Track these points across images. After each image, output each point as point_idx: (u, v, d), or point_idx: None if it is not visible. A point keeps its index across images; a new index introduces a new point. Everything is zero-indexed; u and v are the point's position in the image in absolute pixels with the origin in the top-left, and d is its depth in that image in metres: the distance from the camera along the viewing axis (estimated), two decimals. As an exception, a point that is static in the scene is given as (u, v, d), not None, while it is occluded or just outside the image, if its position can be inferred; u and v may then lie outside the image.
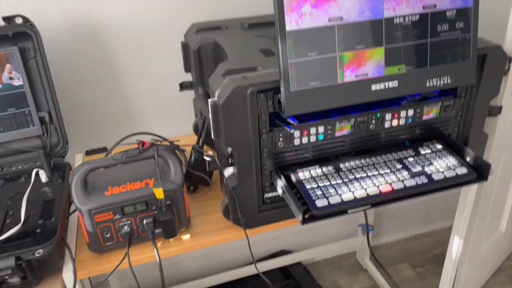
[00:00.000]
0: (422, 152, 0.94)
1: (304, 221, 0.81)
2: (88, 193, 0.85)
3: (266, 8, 1.34)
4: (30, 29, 1.01)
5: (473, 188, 1.14)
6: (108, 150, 1.32)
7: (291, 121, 0.86)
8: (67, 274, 0.85)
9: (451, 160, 0.91)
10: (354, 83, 0.80)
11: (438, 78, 0.83)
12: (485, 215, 1.47)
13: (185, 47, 1.16)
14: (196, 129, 1.32)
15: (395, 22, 0.79)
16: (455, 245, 1.25)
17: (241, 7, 1.32)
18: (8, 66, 1.03)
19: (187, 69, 1.19)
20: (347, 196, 0.83)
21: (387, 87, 0.82)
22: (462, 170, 0.88)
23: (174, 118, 1.42)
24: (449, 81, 0.84)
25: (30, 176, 1.01)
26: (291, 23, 0.74)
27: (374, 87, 0.81)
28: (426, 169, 0.89)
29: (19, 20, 1.01)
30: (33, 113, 1.07)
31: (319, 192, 0.84)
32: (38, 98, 1.07)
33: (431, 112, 0.94)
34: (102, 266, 0.88)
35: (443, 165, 0.90)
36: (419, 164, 0.90)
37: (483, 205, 1.41)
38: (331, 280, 1.83)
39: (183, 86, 1.25)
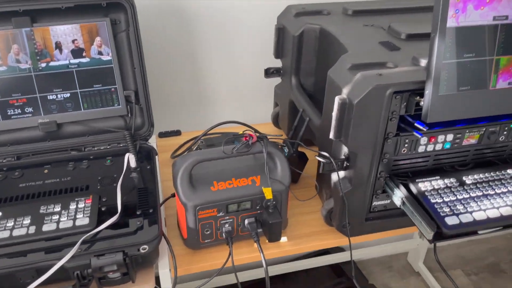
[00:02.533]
0: (551, 170, 0.86)
1: (433, 239, 0.74)
2: (194, 187, 0.78)
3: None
4: (126, 0, 0.93)
5: None
6: (180, 133, 1.26)
7: (420, 127, 0.78)
8: (164, 270, 0.80)
9: None
10: (506, 91, 0.71)
11: None
12: None
13: (280, 31, 1.07)
14: (275, 119, 1.24)
15: None
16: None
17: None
18: (98, 39, 0.96)
19: (278, 55, 1.11)
20: (479, 215, 0.75)
21: (540, 98, 0.73)
22: None
23: (248, 105, 1.35)
24: None
25: (115, 158, 0.96)
26: (453, 19, 0.65)
27: (526, 97, 0.72)
28: (560, 190, 0.81)
29: (115, -10, 0.93)
30: (119, 91, 1.00)
31: (446, 208, 0.77)
32: (125, 76, 1.00)
33: None
34: (198, 264, 0.83)
35: None
36: (551, 183, 0.82)
37: None
38: (382, 281, 1.77)
39: (268, 72, 1.16)
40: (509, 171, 0.85)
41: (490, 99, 0.71)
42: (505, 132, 0.83)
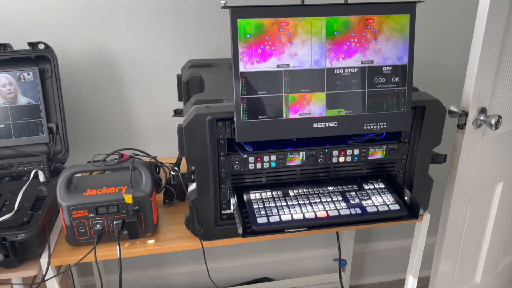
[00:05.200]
0: (366, 187, 1.05)
1: (244, 235, 0.93)
2: (70, 192, 1.01)
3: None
4: (49, 53, 1.22)
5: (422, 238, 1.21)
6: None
7: (247, 148, 1.00)
8: (44, 259, 1.00)
9: (389, 198, 1.01)
10: (298, 120, 0.94)
11: (375, 123, 0.96)
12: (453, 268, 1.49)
13: (179, 79, 1.34)
14: (184, 151, 1.48)
15: (335, 72, 0.93)
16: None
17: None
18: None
19: (180, 98, 1.37)
20: (285, 217, 0.95)
21: (327, 126, 0.95)
22: (395, 207, 0.98)
23: (170, 141, 1.59)
24: (385, 126, 0.96)
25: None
26: (244, 66, 0.89)
27: (315, 125, 0.94)
28: (363, 202, 1.00)
29: (41, 46, 1.22)
30: (44, 124, 1.26)
31: (262, 212, 0.96)
32: (49, 111, 1.27)
33: (377, 153, 1.06)
34: (74, 256, 1.03)
35: (380, 200, 1.00)
36: (358, 197, 1.01)
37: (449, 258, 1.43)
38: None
39: (176, 112, 1.41)
40: (329, 187, 1.05)
41: (284, 126, 0.93)
42: (321, 155, 1.04)
